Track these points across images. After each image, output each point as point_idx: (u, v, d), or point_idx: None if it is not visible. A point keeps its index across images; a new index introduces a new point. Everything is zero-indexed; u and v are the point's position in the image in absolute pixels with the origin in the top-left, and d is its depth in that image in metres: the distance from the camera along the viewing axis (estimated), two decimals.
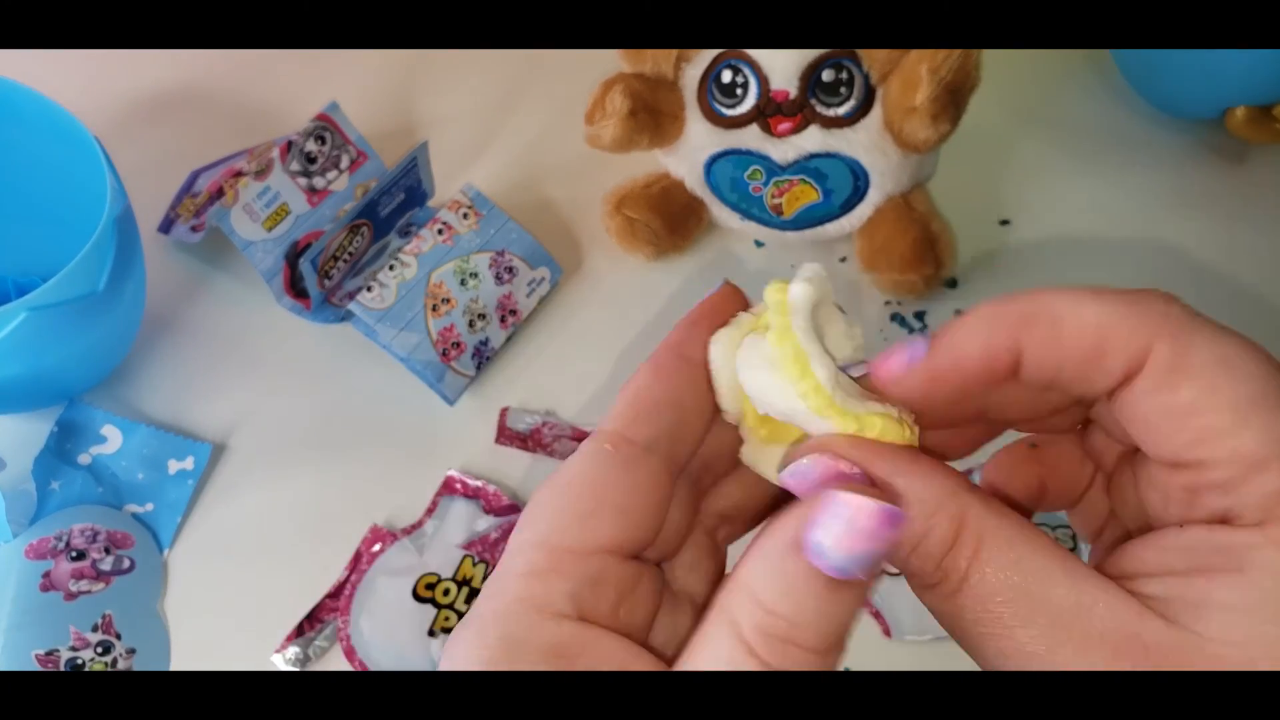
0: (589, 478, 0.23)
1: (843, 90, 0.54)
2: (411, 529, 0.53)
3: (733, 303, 0.26)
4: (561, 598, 0.22)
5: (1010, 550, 0.21)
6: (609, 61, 0.58)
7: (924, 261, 0.57)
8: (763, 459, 0.25)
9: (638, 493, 0.23)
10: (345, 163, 0.63)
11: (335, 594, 0.51)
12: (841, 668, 0.54)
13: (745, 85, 0.55)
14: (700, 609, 0.25)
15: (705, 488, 0.27)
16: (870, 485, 0.22)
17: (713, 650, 0.21)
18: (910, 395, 0.23)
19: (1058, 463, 0.27)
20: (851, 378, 0.25)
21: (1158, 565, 0.21)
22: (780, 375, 0.23)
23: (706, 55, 0.56)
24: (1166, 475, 0.23)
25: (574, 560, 0.22)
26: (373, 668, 0.49)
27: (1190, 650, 0.20)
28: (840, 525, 0.20)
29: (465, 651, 0.22)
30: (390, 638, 0.50)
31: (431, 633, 0.50)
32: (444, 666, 0.22)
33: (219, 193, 0.58)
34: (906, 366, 0.23)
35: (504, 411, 0.57)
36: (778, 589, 0.20)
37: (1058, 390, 0.23)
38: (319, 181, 0.61)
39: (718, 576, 0.26)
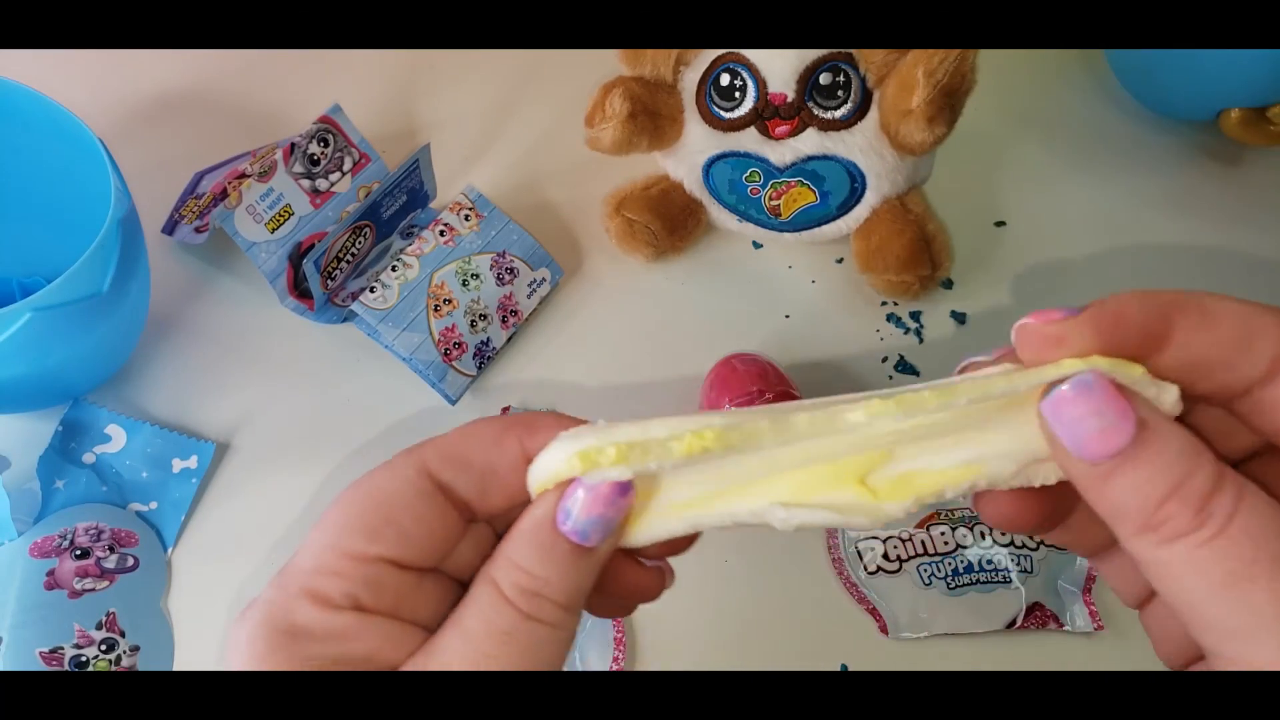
0: (386, 496, 0.26)
1: (839, 93, 0.55)
2: None
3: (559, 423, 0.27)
4: (339, 594, 0.25)
5: (1269, 500, 0.21)
6: (609, 65, 0.59)
7: (920, 263, 0.58)
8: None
9: (423, 524, 0.26)
10: (348, 165, 0.63)
11: None
12: (839, 666, 0.54)
13: (743, 88, 0.56)
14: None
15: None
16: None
17: (476, 605, 0.24)
18: (1067, 340, 0.23)
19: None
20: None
21: None
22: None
23: (705, 58, 0.57)
24: None
25: (354, 565, 0.25)
26: None
27: None
28: (585, 495, 0.24)
29: (250, 633, 0.25)
30: None
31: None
32: (230, 647, 0.25)
33: (223, 194, 0.59)
34: (1068, 314, 0.23)
35: (505, 411, 0.57)
36: (533, 554, 0.24)
37: (1199, 375, 0.23)
38: (322, 183, 0.62)
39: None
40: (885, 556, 0.52)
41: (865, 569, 0.52)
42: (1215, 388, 0.23)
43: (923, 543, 0.53)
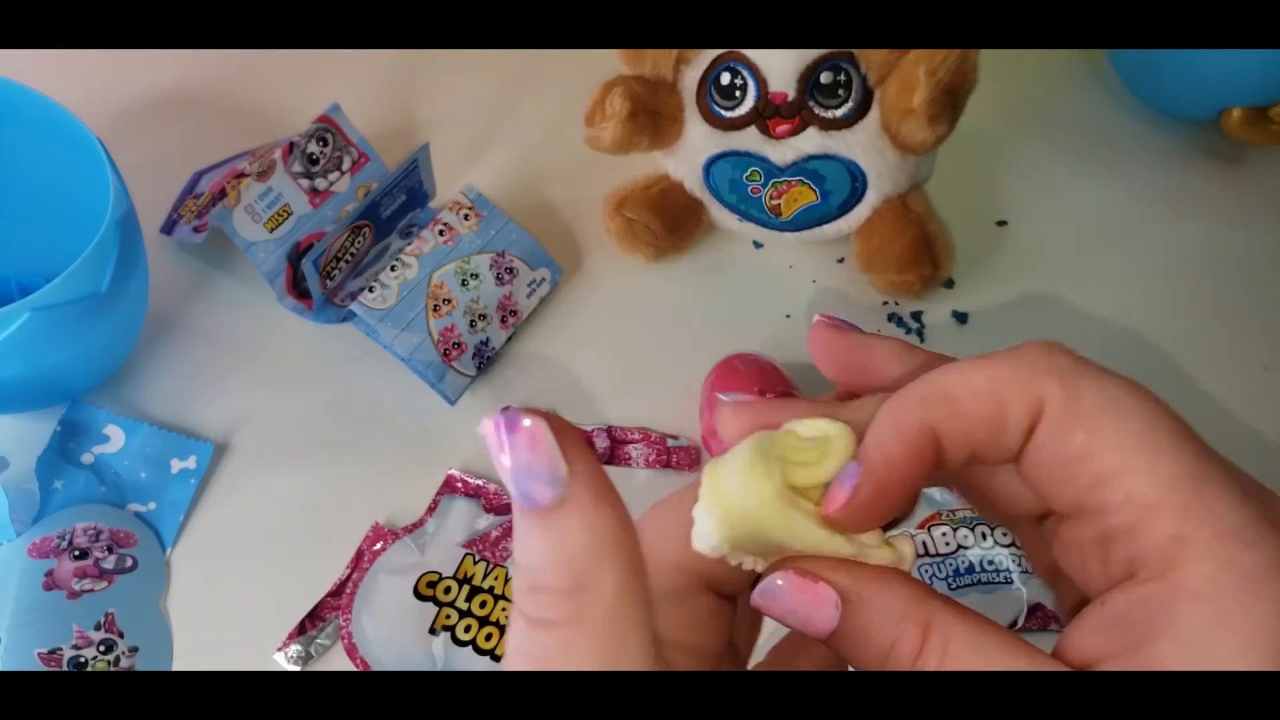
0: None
1: (840, 92, 0.55)
2: (413, 528, 0.53)
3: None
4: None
5: (976, 647, 0.22)
6: (609, 64, 0.59)
7: (921, 262, 0.58)
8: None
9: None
10: (347, 164, 0.63)
11: (337, 592, 0.51)
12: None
13: (744, 87, 0.56)
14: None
15: None
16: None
17: (510, 633, 0.21)
18: (868, 519, 0.23)
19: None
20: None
21: (1104, 648, 0.21)
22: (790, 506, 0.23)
23: (705, 57, 0.57)
24: (1078, 529, 0.22)
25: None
26: (374, 666, 0.50)
27: None
28: (494, 453, 0.21)
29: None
30: (392, 636, 0.50)
31: (432, 630, 0.50)
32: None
33: (221, 194, 0.59)
34: (850, 495, 0.23)
35: (505, 411, 0.57)
36: (516, 547, 0.21)
37: (979, 461, 0.23)
38: (321, 183, 0.62)
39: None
40: None
41: None
42: (995, 461, 0.23)
43: (924, 543, 0.52)
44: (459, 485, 0.54)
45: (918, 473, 0.23)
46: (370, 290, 0.56)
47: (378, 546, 0.52)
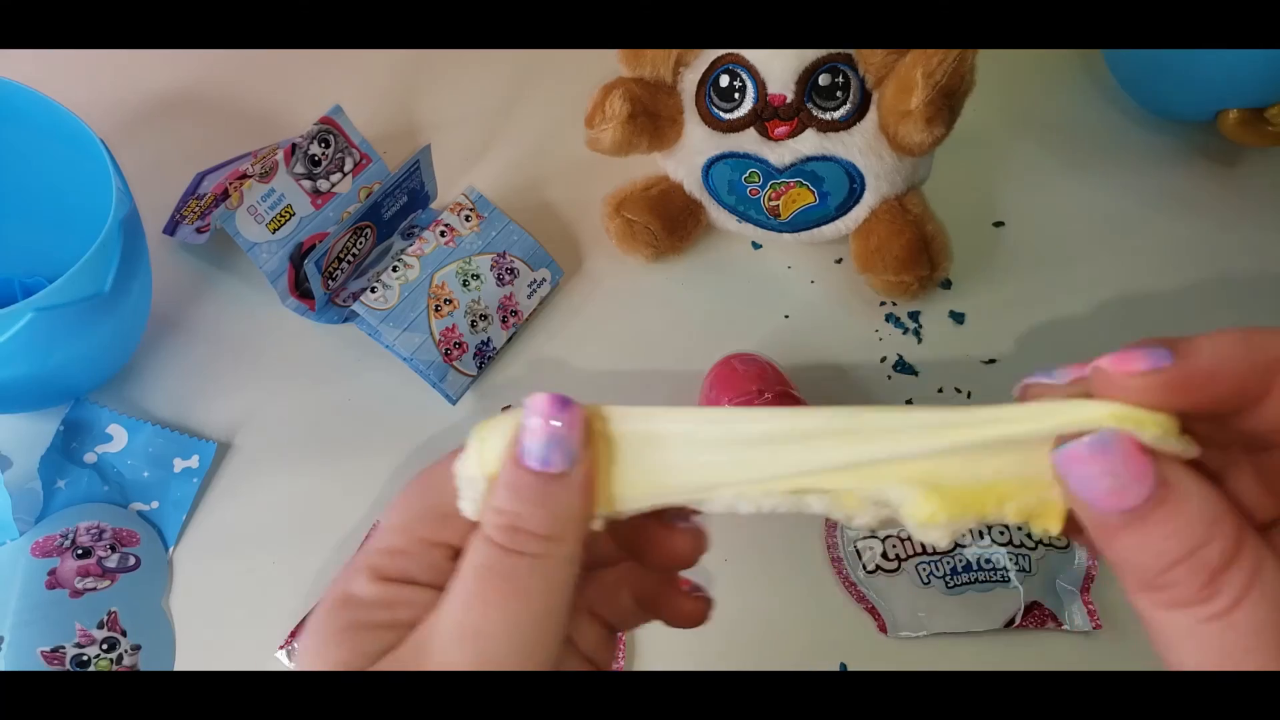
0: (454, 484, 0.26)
1: (838, 94, 0.55)
2: None
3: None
4: (396, 570, 0.26)
5: None
6: (609, 66, 0.59)
7: (919, 263, 0.58)
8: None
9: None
10: (349, 165, 0.63)
11: None
12: (838, 665, 0.54)
13: (742, 89, 0.56)
14: (593, 664, 0.29)
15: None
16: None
17: (470, 557, 0.25)
18: (1150, 398, 0.22)
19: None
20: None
21: None
22: None
23: (704, 60, 0.57)
24: None
25: (419, 547, 0.26)
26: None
27: None
28: (533, 421, 0.25)
29: (318, 610, 0.26)
30: None
31: None
32: (317, 606, 0.26)
33: (224, 195, 0.59)
34: (1153, 366, 0.22)
35: (506, 410, 0.57)
36: (506, 494, 0.25)
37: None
38: (323, 184, 0.62)
39: (602, 646, 0.29)
40: (884, 555, 0.53)
41: (864, 568, 0.53)
42: None
43: (921, 542, 0.53)
44: None
45: (1228, 400, 0.21)
46: (372, 291, 0.56)
47: None
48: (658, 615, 0.30)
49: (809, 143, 0.56)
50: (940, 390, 0.59)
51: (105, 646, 0.50)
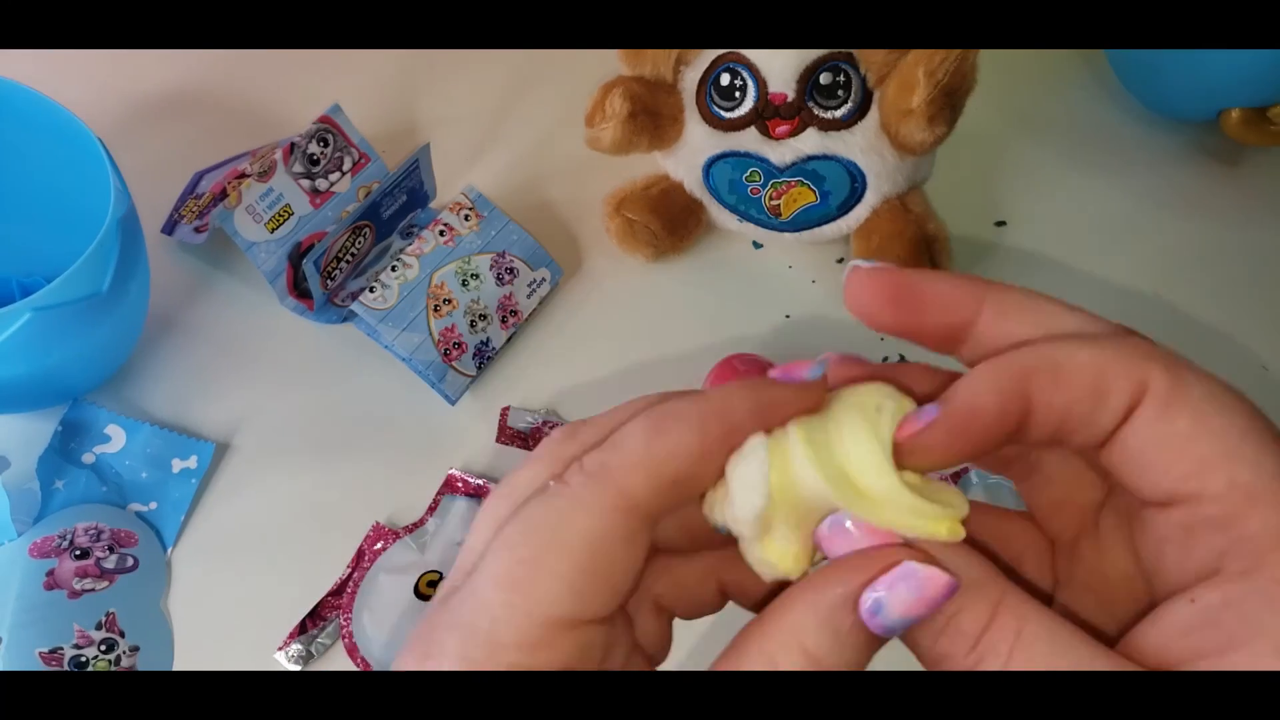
0: (591, 547, 0.22)
1: (840, 93, 0.55)
2: (413, 527, 0.53)
3: (805, 399, 0.24)
4: (552, 668, 0.22)
5: (1052, 639, 0.21)
6: (609, 64, 0.59)
7: (920, 263, 0.58)
8: (770, 555, 0.24)
9: (634, 574, 0.23)
10: (348, 165, 0.63)
11: (338, 591, 0.51)
12: None
13: (743, 88, 0.56)
14: (650, 659, 0.26)
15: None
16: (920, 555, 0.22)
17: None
18: (931, 455, 0.23)
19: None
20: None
21: (1191, 649, 0.21)
22: (865, 469, 0.23)
23: (705, 58, 0.57)
24: (1161, 517, 0.22)
25: (563, 635, 0.22)
26: (375, 665, 0.50)
27: None
28: (907, 590, 0.21)
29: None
30: (392, 635, 0.50)
31: None
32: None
33: (222, 194, 0.59)
34: (923, 425, 0.23)
35: (505, 411, 0.57)
36: (826, 640, 0.21)
37: (1062, 440, 0.23)
38: (322, 183, 0.62)
39: (661, 638, 0.27)
40: None
41: None
42: (1080, 442, 0.23)
43: None
44: (459, 485, 0.54)
45: (998, 428, 0.22)
46: (371, 290, 0.56)
47: (378, 546, 0.53)
48: (750, 596, 0.27)
49: (810, 142, 0.56)
50: None
51: (103, 647, 0.50)
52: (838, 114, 0.55)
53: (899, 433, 0.23)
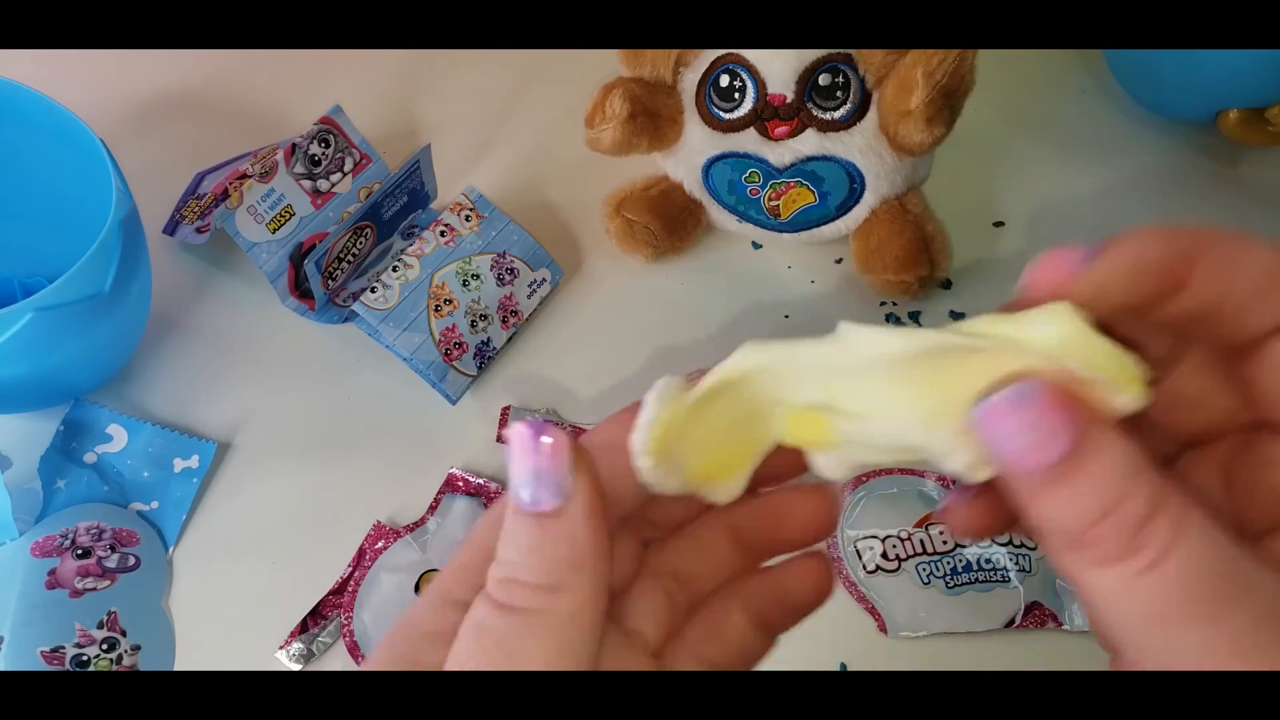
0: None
1: (839, 94, 0.55)
2: (414, 526, 0.53)
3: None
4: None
5: (1212, 533, 0.20)
6: (609, 65, 0.59)
7: (919, 263, 0.58)
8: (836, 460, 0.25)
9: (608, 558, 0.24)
10: (349, 165, 0.63)
11: (339, 590, 0.52)
12: (838, 665, 0.54)
13: (743, 89, 0.56)
14: (653, 652, 0.26)
15: (648, 539, 0.27)
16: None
17: (470, 612, 0.23)
18: (1083, 292, 0.22)
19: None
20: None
21: None
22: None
23: (704, 59, 0.57)
24: None
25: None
26: None
27: None
28: (515, 456, 0.22)
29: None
30: None
31: None
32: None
33: (224, 195, 0.59)
34: (1079, 263, 0.22)
35: (505, 410, 0.57)
36: (502, 540, 0.23)
37: (1209, 324, 0.22)
38: (323, 184, 0.62)
39: (671, 625, 0.27)
40: (884, 555, 0.53)
41: (864, 568, 0.53)
42: (1224, 334, 0.22)
43: (921, 542, 0.53)
44: (460, 484, 0.55)
45: (1157, 281, 0.21)
46: (372, 291, 0.56)
47: (379, 545, 0.53)
48: (781, 621, 0.27)
49: (809, 142, 0.56)
50: None
51: (105, 646, 0.50)
52: (836, 115, 0.55)
53: (1046, 264, 0.22)
